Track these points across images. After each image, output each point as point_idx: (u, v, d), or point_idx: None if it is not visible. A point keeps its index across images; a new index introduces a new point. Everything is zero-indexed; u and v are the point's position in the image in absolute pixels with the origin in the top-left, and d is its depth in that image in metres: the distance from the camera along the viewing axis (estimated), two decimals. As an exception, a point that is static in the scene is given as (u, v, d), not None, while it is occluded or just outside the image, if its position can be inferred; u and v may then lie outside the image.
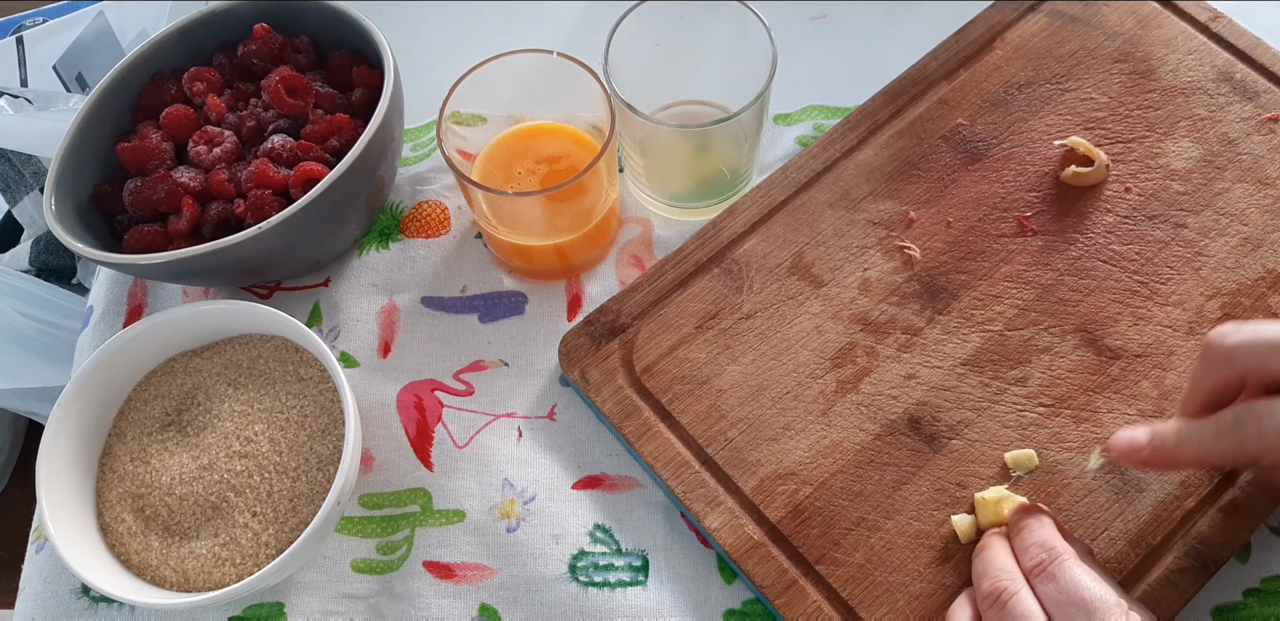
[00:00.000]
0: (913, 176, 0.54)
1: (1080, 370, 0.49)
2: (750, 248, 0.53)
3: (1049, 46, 0.57)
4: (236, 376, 0.52)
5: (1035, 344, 0.50)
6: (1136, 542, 0.45)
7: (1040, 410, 0.49)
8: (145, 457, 0.50)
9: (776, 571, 0.46)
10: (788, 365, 0.50)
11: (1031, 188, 0.54)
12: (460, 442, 0.52)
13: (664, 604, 0.48)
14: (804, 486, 0.47)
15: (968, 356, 0.50)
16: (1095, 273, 0.52)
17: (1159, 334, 0.50)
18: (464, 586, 0.49)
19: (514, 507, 0.50)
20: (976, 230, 0.53)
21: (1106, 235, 0.52)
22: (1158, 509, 0.46)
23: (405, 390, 0.54)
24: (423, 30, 0.65)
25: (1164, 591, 0.45)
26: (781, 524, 0.47)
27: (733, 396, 0.50)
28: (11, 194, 0.96)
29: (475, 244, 0.57)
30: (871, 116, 0.56)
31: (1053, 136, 0.55)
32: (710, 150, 0.52)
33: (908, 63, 0.58)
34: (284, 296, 0.57)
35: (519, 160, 0.53)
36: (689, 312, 0.52)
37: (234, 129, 0.54)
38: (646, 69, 0.51)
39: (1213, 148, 0.54)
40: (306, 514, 0.48)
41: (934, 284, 0.52)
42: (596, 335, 0.52)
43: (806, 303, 0.52)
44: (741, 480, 0.48)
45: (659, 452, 0.49)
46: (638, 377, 0.50)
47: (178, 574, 0.47)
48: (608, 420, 0.50)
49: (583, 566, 0.49)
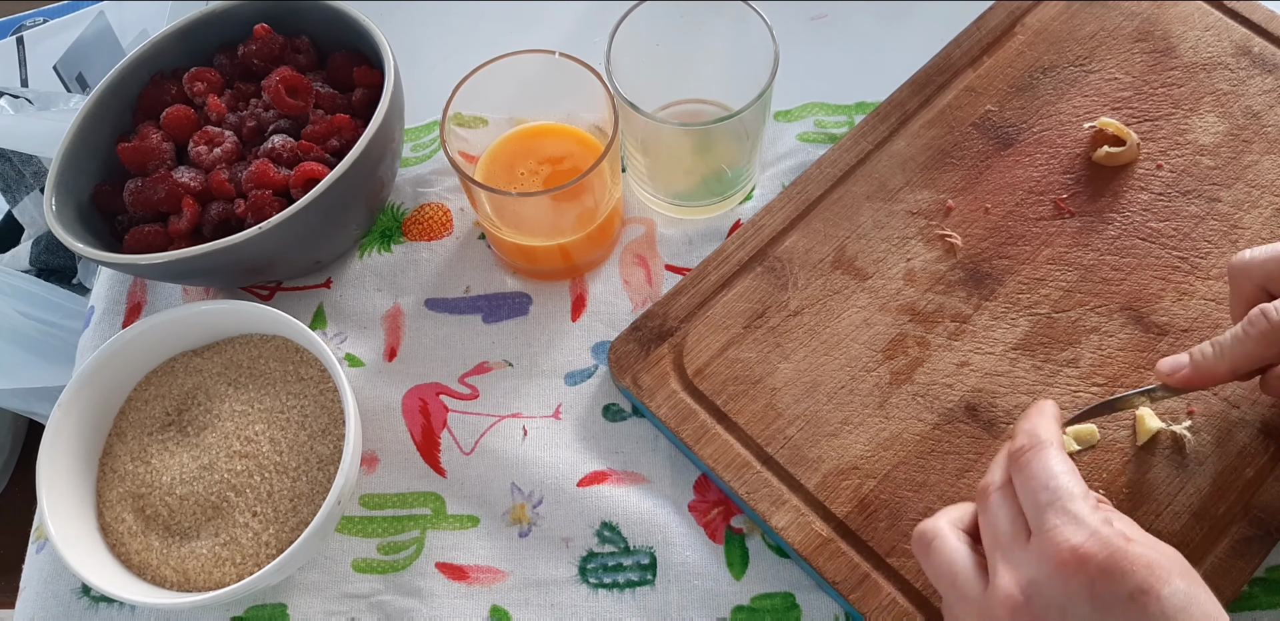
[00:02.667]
0: (947, 165, 0.55)
1: (1130, 348, 0.50)
2: (791, 244, 0.53)
3: (1069, 29, 0.58)
4: (237, 376, 0.52)
5: (1083, 324, 0.50)
6: (1200, 516, 0.46)
7: (1094, 390, 0.49)
8: (146, 457, 0.50)
9: (848, 567, 0.46)
10: (840, 360, 0.50)
11: (1065, 170, 0.54)
12: (466, 448, 0.52)
13: (671, 603, 0.48)
14: (868, 480, 0.48)
15: (1018, 341, 0.50)
16: (1135, 251, 0.52)
17: (1203, 307, 0.51)
18: (476, 588, 0.49)
19: (525, 512, 0.50)
20: (1015, 215, 0.53)
21: (1143, 213, 0.53)
22: (1218, 481, 0.47)
23: (410, 393, 0.54)
24: (423, 30, 0.65)
25: (1231, 561, 0.45)
26: (849, 518, 0.47)
27: (787, 394, 0.50)
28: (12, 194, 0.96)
29: (479, 245, 0.57)
30: (901, 107, 0.56)
31: (1081, 118, 0.55)
32: (712, 148, 0.52)
33: (908, 62, 0.58)
34: (285, 297, 0.57)
35: (521, 161, 0.53)
36: (736, 313, 0.52)
37: (234, 129, 0.54)
38: (647, 68, 0.51)
39: (1238, 121, 0.55)
40: (307, 513, 0.48)
41: (978, 270, 0.52)
42: (645, 340, 0.52)
43: (853, 296, 0.52)
44: (804, 477, 0.48)
45: (719, 455, 0.49)
46: (690, 381, 0.50)
47: (178, 573, 0.47)
48: (663, 425, 0.50)
49: (592, 568, 0.49)
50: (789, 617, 0.47)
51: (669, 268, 0.56)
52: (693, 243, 0.56)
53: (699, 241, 0.56)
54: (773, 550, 0.49)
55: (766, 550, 0.49)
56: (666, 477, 0.51)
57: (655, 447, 0.51)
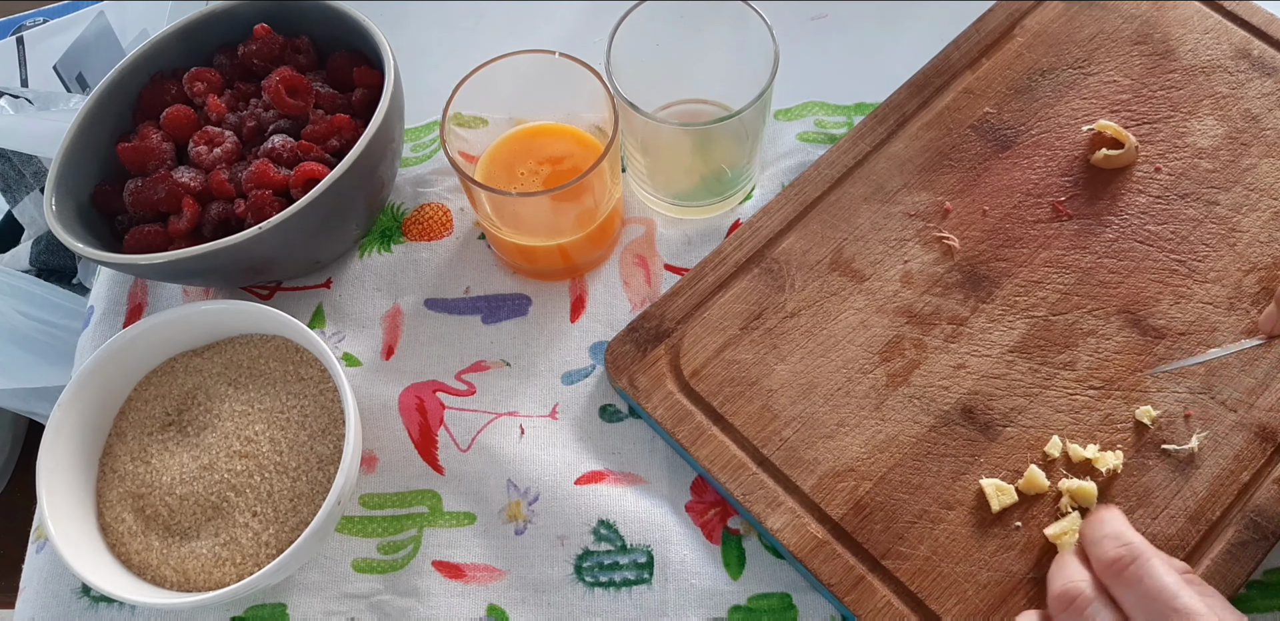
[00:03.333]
0: (945, 167, 0.55)
1: (1127, 351, 0.50)
2: (789, 246, 0.53)
3: (1068, 31, 0.58)
4: (237, 376, 0.52)
5: (1080, 327, 0.50)
6: (1196, 519, 0.46)
7: (1091, 393, 0.49)
8: (146, 457, 0.50)
9: (843, 569, 0.46)
10: (836, 361, 0.50)
11: (1063, 172, 0.54)
12: (463, 445, 0.52)
13: (668, 602, 0.48)
14: (863, 482, 0.48)
15: (1015, 343, 0.50)
16: (1133, 254, 0.52)
17: (1200, 311, 0.51)
18: (473, 586, 0.49)
19: (520, 509, 0.50)
20: (1012, 217, 0.53)
21: (1141, 216, 0.53)
22: (1214, 484, 0.47)
23: (407, 391, 0.54)
24: (423, 30, 0.65)
25: (1227, 565, 0.45)
26: (844, 521, 0.47)
27: (784, 396, 0.50)
28: (12, 194, 0.96)
29: (478, 245, 0.57)
30: (899, 109, 0.56)
31: (1079, 121, 0.55)
32: (712, 148, 0.52)
33: (908, 63, 0.58)
34: (285, 297, 0.57)
35: (521, 161, 0.53)
36: (733, 314, 0.52)
37: (234, 129, 0.54)
38: (647, 68, 0.51)
39: (1237, 124, 0.55)
40: (307, 513, 0.48)
41: (975, 273, 0.52)
42: (641, 341, 0.51)
43: (850, 298, 0.52)
44: (800, 479, 0.48)
45: (714, 456, 0.49)
46: (687, 382, 0.50)
47: (178, 573, 0.47)
48: (660, 426, 0.50)
49: (588, 567, 0.49)
50: (785, 618, 0.47)
51: (668, 267, 0.56)
52: (692, 242, 0.56)
53: (698, 241, 0.56)
54: (769, 551, 0.49)
55: (763, 551, 0.49)
56: (664, 478, 0.51)
57: (652, 448, 0.51)
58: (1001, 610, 0.45)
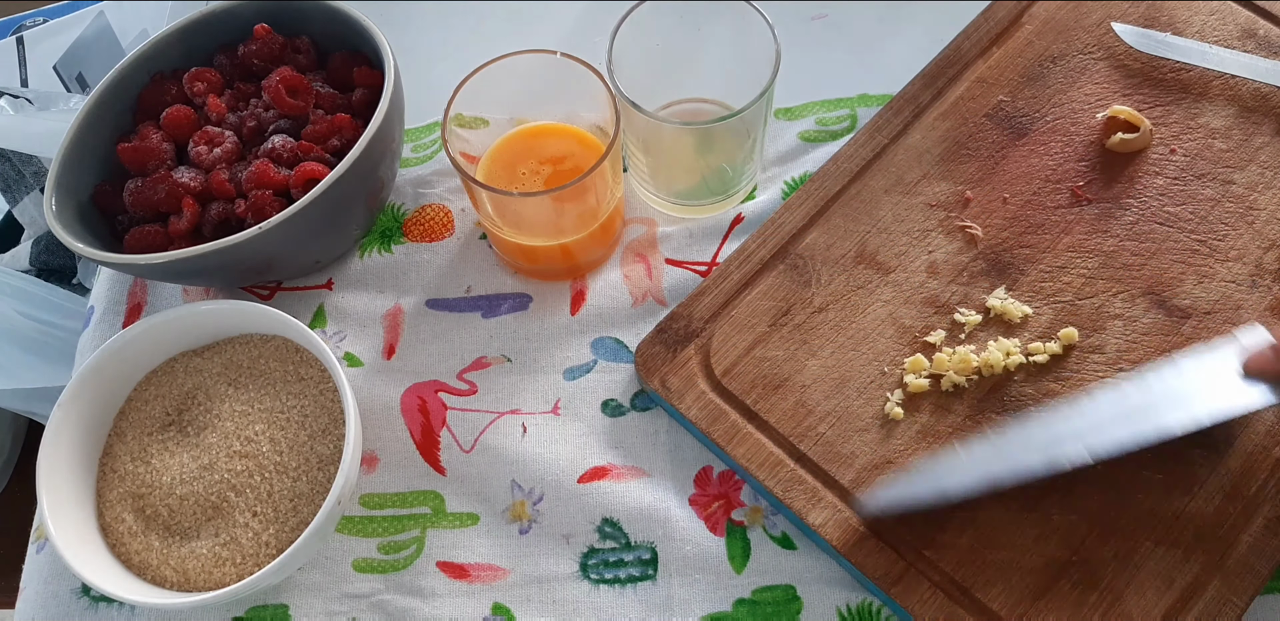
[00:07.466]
0: (963, 156, 0.55)
1: (1154, 332, 0.50)
2: (812, 241, 0.53)
3: (1075, 17, 0.58)
4: (237, 376, 0.52)
5: (1107, 311, 0.51)
6: (1233, 496, 0.46)
7: (1121, 375, 0.49)
8: (146, 457, 0.50)
9: (887, 561, 0.46)
10: (867, 354, 0.50)
11: (1080, 157, 0.55)
12: (466, 446, 0.52)
13: (673, 597, 0.48)
14: (902, 473, 0.48)
15: (1043, 329, 0.50)
16: (1154, 235, 0.52)
17: (1224, 289, 0.51)
18: (478, 586, 0.49)
19: (525, 509, 0.50)
20: (1033, 204, 0.54)
21: (1159, 198, 0.53)
22: (1247, 461, 0.47)
23: (409, 392, 0.54)
24: (423, 30, 0.65)
25: (1266, 539, 0.46)
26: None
27: (817, 391, 0.50)
28: (12, 194, 0.96)
29: (480, 245, 0.57)
30: (913, 100, 0.57)
31: (1093, 106, 0.56)
32: (714, 147, 0.52)
33: (908, 62, 0.58)
34: (285, 297, 0.57)
35: (523, 161, 0.53)
36: (760, 311, 0.52)
37: (234, 129, 0.54)
38: (649, 68, 0.51)
39: (1247, 104, 0.55)
40: (307, 513, 0.48)
41: (999, 260, 0.52)
42: (671, 342, 0.51)
43: (877, 290, 0.52)
44: (839, 473, 0.48)
45: (751, 454, 0.49)
46: (719, 381, 0.50)
47: (178, 573, 0.47)
48: (694, 426, 0.50)
49: (593, 564, 0.49)
50: (790, 610, 0.47)
51: (669, 262, 0.56)
52: (694, 237, 0.56)
53: (700, 236, 0.56)
54: (776, 542, 0.49)
55: (768, 542, 0.49)
56: (667, 471, 0.51)
57: (655, 442, 0.51)
58: (1047, 595, 0.45)
